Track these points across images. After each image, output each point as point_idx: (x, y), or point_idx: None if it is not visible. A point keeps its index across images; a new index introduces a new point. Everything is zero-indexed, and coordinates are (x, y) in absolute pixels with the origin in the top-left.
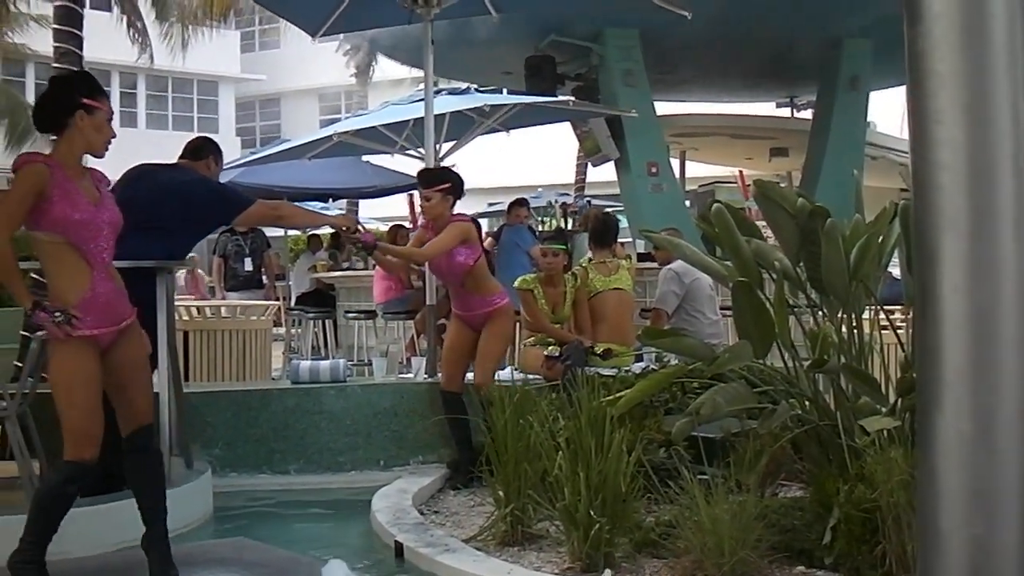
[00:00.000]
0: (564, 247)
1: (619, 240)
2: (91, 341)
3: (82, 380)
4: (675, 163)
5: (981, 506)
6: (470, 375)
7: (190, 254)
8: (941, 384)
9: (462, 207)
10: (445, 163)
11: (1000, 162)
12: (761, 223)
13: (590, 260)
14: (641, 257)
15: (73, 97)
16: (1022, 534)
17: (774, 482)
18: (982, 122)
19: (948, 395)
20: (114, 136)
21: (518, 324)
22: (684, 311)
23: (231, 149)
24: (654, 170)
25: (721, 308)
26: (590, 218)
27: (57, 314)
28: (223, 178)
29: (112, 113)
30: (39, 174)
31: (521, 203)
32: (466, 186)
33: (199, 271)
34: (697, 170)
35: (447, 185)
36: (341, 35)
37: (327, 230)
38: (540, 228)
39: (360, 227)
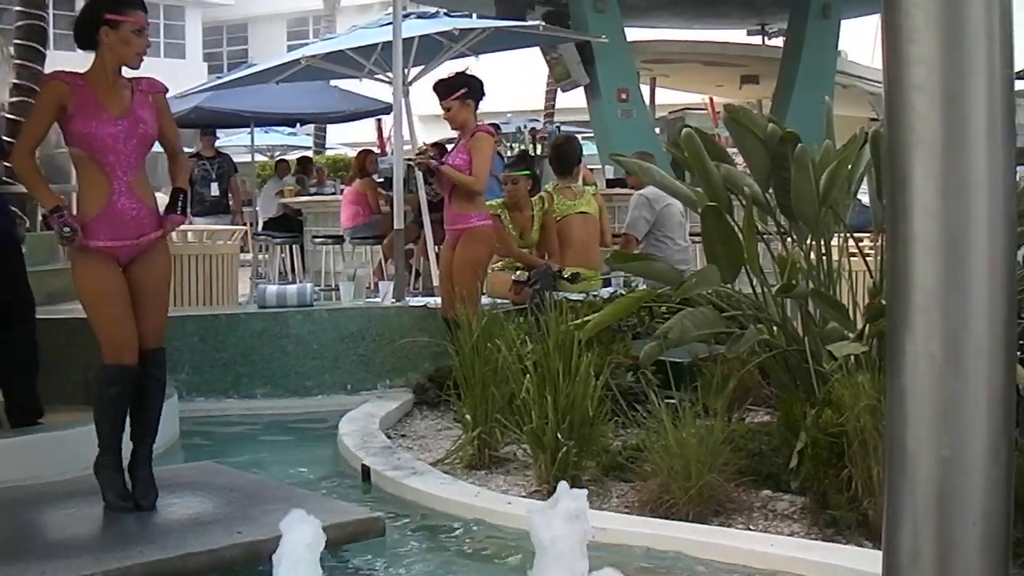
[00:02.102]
0: (527, 173)
1: (588, 166)
2: (108, 254)
3: (101, 292)
4: (645, 90)
5: (949, 428)
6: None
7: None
8: (911, 307)
9: (427, 131)
10: (414, 85)
11: (974, 81)
12: (731, 149)
13: (555, 185)
14: (610, 183)
15: (96, 14)
16: (989, 455)
17: (741, 407)
18: (957, 41)
19: (918, 318)
20: (147, 46)
21: None
22: (654, 236)
23: (198, 75)
24: (624, 96)
25: (691, 235)
26: (551, 143)
27: (66, 229)
28: (190, 102)
29: (143, 24)
30: (56, 89)
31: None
32: (432, 112)
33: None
34: (667, 97)
35: (464, 90)
36: None
37: (296, 153)
38: (508, 154)
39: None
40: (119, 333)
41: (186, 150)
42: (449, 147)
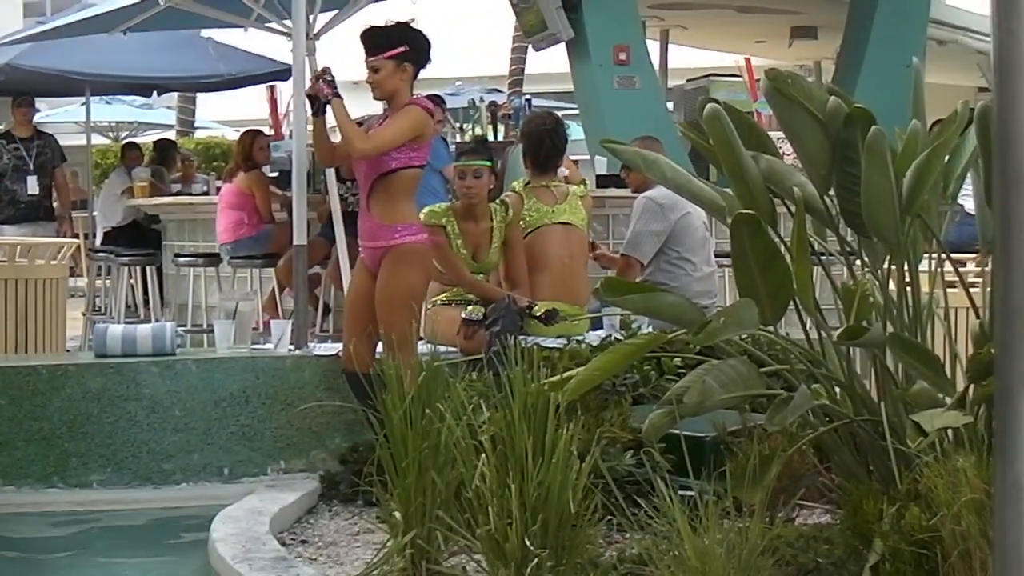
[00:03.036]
0: (489, 164)
1: (570, 157)
2: None
3: None
4: (653, 47)
5: None
6: None
7: None
8: None
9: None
10: (323, 39)
11: None
12: (776, 133)
13: (526, 184)
14: (602, 181)
15: None
16: None
17: (789, 502)
18: None
19: None
20: None
21: None
22: (664, 257)
23: (9, 19)
24: (623, 56)
25: (717, 255)
26: (524, 129)
27: None
28: None
29: None
30: None
31: (433, 103)
32: (350, 78)
33: None
34: (685, 58)
35: (403, 49)
36: None
37: (153, 135)
38: (457, 138)
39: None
40: None
41: None
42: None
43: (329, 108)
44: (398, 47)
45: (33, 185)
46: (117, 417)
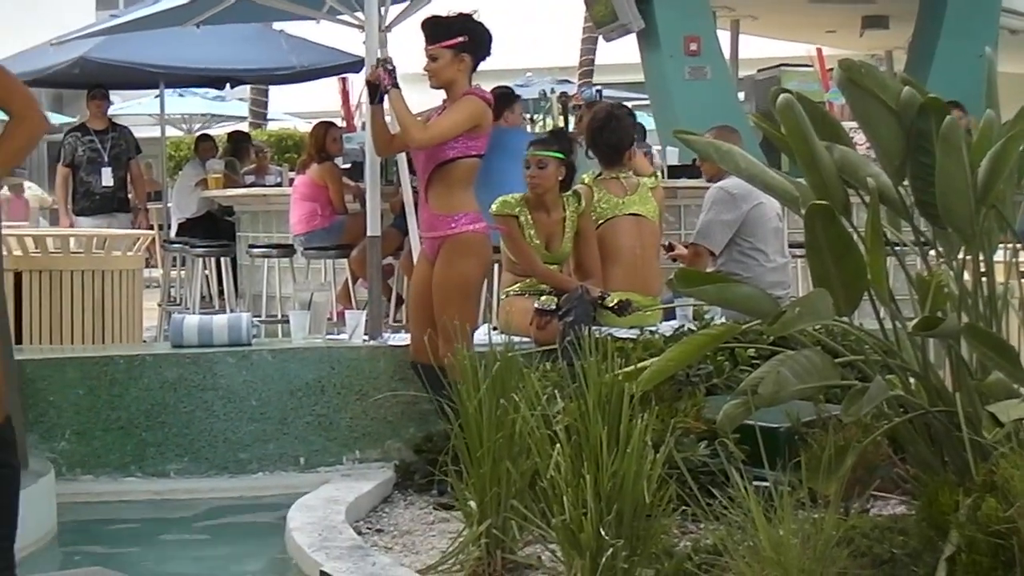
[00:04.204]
0: (559, 156)
1: (641, 148)
2: None
3: None
4: (724, 38)
5: None
6: None
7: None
8: None
9: (414, 95)
10: (395, 31)
11: None
12: (849, 123)
13: (597, 176)
14: (673, 171)
15: None
16: None
17: (864, 493)
18: None
19: None
20: None
21: (497, 265)
22: (737, 248)
23: (83, 12)
24: (693, 47)
25: (791, 245)
26: (588, 122)
27: None
28: (71, 51)
29: None
30: None
31: (508, 101)
32: (420, 70)
33: (30, 187)
34: (756, 48)
35: (462, 39)
36: None
37: (226, 127)
38: (527, 129)
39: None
40: None
41: (65, 120)
42: None
43: (387, 98)
44: (457, 37)
45: (108, 177)
46: (194, 407)
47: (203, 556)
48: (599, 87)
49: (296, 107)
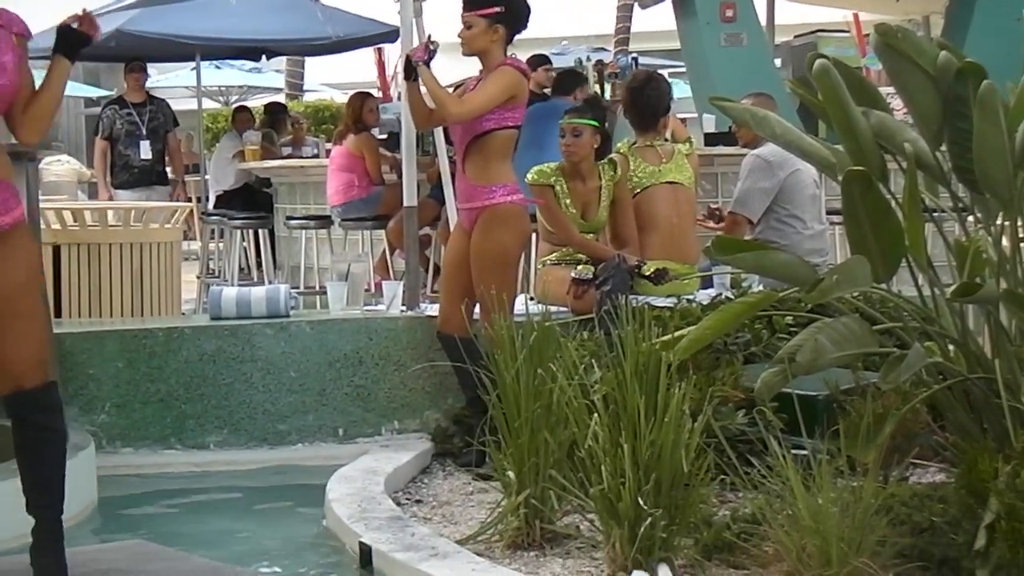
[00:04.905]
0: (594, 124)
1: (678, 115)
2: None
3: None
4: (760, 3)
5: None
6: None
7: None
8: None
9: (451, 65)
10: (429, 1)
11: None
12: (886, 89)
13: (632, 144)
14: (711, 139)
15: None
16: None
17: (903, 461)
18: None
19: None
20: None
21: (534, 235)
22: (774, 215)
23: None
24: (730, 14)
25: (828, 212)
26: (626, 85)
27: None
28: (107, 24)
29: None
30: None
31: (540, 61)
32: (457, 40)
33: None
34: (792, 14)
35: (498, 10)
36: None
37: (262, 98)
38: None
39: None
40: None
41: (102, 93)
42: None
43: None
44: (493, 7)
45: (146, 150)
46: (233, 379)
47: (242, 528)
48: (635, 55)
49: (332, 78)
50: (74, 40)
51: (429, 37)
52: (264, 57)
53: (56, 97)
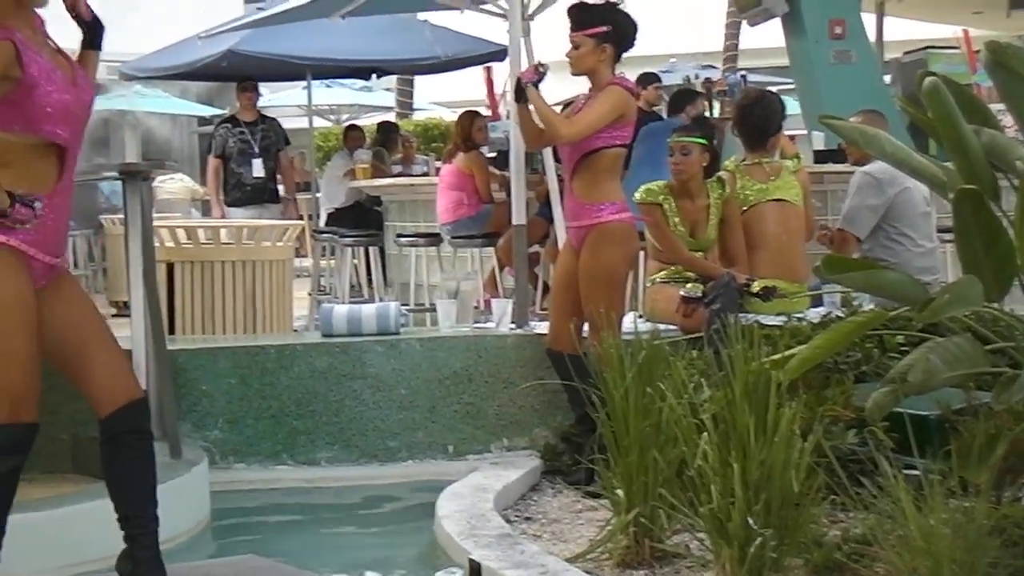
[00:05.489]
0: (702, 142)
1: (786, 132)
2: (26, 266)
3: (22, 318)
4: (869, 21)
5: None
6: None
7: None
8: None
9: (558, 83)
10: (538, 19)
11: None
12: (997, 106)
13: (740, 162)
14: (820, 156)
15: None
16: None
17: (1016, 481)
18: None
19: None
20: None
21: (642, 253)
22: (884, 233)
23: (232, 5)
24: (838, 31)
25: (939, 230)
26: (737, 103)
27: (36, 204)
28: (220, 44)
29: None
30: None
31: (649, 80)
32: (564, 58)
33: (181, 178)
34: (901, 31)
35: (605, 29)
36: None
37: (373, 117)
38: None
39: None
40: (26, 379)
41: (215, 112)
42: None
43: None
44: (601, 26)
45: (258, 168)
46: (343, 395)
47: (352, 544)
48: (743, 72)
49: (441, 96)
50: (97, 30)
51: (539, 62)
52: (374, 76)
53: None
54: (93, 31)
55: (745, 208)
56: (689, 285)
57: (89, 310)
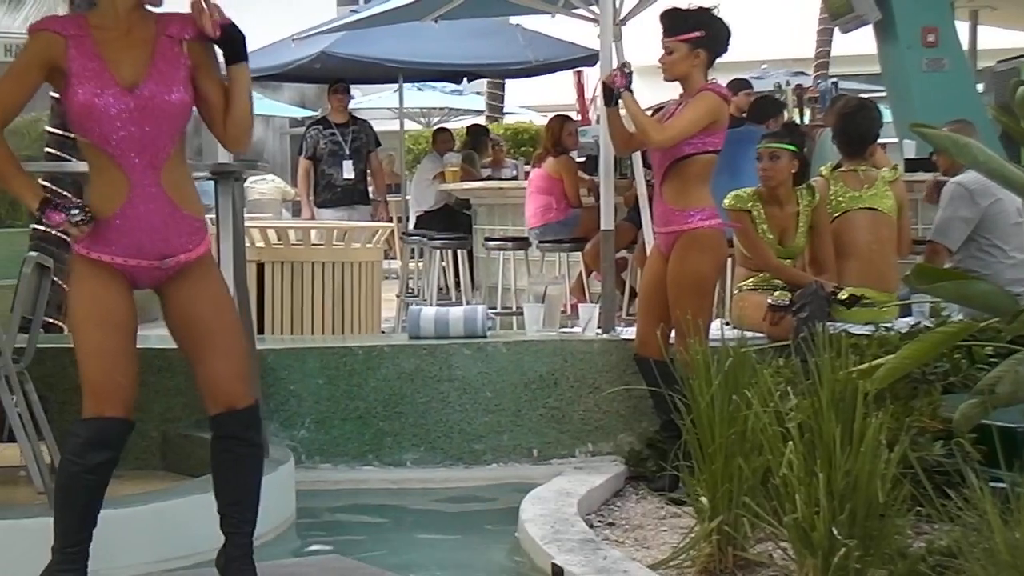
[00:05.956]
0: (791, 148)
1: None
2: (112, 270)
3: (96, 315)
4: (962, 29)
5: None
6: None
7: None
8: None
9: (648, 88)
10: (629, 24)
11: None
12: None
13: (834, 168)
14: (911, 165)
15: None
16: None
17: None
18: None
19: None
20: None
21: (730, 260)
22: (975, 244)
23: (324, 8)
24: (931, 39)
25: None
26: (836, 110)
27: (74, 211)
28: (312, 46)
29: None
30: (44, 43)
31: (740, 86)
32: (655, 63)
33: (272, 179)
34: (995, 39)
35: (699, 34)
36: None
37: (463, 120)
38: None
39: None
40: (103, 373)
41: (307, 114)
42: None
43: (621, 100)
44: (694, 31)
45: (349, 170)
46: (430, 397)
47: (437, 546)
48: (835, 79)
49: (532, 100)
50: (238, 41)
51: (625, 63)
52: (465, 80)
53: (246, 106)
54: (227, 45)
55: (836, 215)
56: (777, 293)
57: (216, 308)
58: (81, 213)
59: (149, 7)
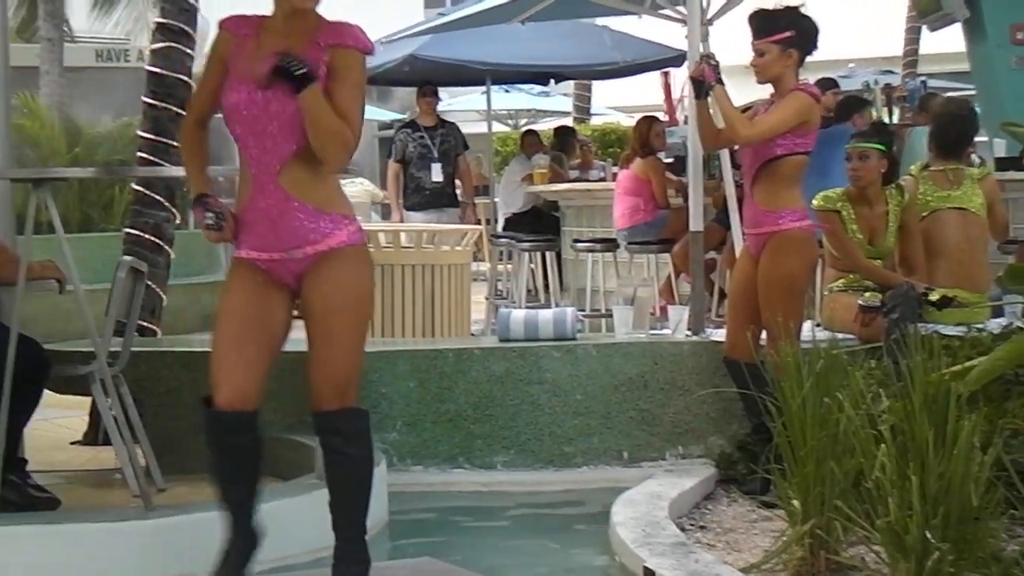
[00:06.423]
0: (880, 147)
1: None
2: (255, 266)
3: (226, 307)
4: None
5: None
6: None
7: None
8: None
9: (736, 89)
10: (717, 24)
11: None
12: None
13: (924, 167)
14: (1001, 163)
15: None
16: None
17: None
18: None
19: None
20: None
21: (821, 260)
22: None
23: (412, 10)
24: (1020, 36)
25: None
26: (935, 110)
27: (209, 214)
28: (401, 49)
29: None
30: (218, 40)
31: (828, 85)
32: (742, 62)
33: (362, 182)
34: None
35: (790, 34)
36: None
37: (550, 122)
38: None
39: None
40: (219, 363)
41: (396, 116)
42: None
43: (711, 94)
44: (784, 32)
45: (437, 172)
46: (520, 400)
47: (528, 548)
48: (923, 78)
49: (619, 101)
50: (287, 73)
51: (709, 54)
52: (552, 81)
53: (314, 131)
54: (281, 76)
55: (925, 215)
56: (868, 294)
57: (334, 307)
58: (213, 218)
59: (302, 6)
